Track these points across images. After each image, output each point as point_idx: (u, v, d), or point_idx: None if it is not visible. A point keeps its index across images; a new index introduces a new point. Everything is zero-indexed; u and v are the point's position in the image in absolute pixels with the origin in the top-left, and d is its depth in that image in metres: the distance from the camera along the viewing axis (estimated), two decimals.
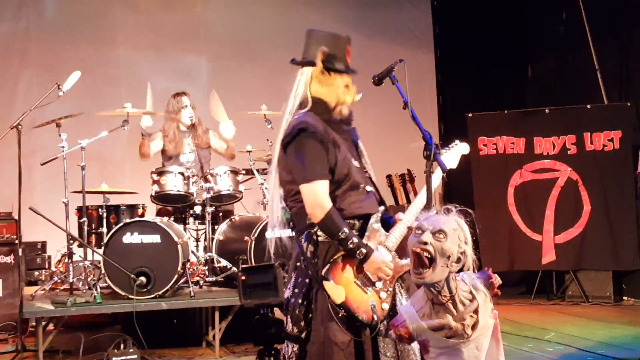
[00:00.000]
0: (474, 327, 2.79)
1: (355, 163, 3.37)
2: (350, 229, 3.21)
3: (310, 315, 3.24)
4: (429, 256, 2.74)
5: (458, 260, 2.77)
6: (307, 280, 3.25)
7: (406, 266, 3.33)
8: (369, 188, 3.38)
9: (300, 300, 3.24)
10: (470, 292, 2.83)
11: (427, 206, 3.16)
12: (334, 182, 3.27)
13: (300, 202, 3.27)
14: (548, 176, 8.11)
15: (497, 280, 2.90)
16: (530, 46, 9.79)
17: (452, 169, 3.55)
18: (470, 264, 2.81)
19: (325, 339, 3.19)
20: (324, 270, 3.20)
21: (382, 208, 3.40)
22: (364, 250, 3.19)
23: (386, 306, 3.24)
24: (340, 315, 3.15)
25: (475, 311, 2.81)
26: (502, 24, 9.74)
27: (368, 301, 3.20)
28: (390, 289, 3.28)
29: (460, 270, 2.81)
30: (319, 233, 3.26)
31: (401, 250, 3.33)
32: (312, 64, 3.36)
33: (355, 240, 3.19)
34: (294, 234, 3.37)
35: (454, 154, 3.63)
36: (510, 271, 8.23)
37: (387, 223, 3.39)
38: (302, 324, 3.22)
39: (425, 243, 2.74)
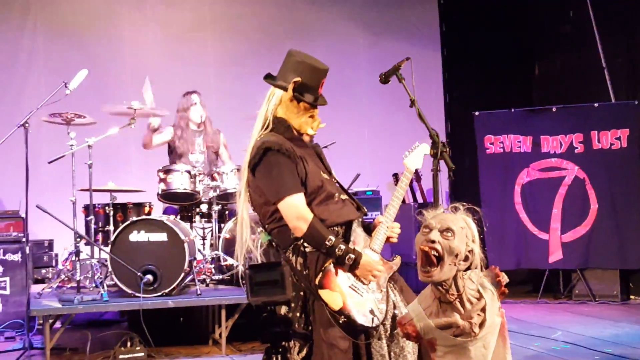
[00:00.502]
0: (481, 325, 2.78)
1: (325, 175, 3.38)
2: (336, 236, 3.22)
3: (310, 327, 3.24)
4: (437, 254, 2.73)
5: (466, 258, 2.76)
6: (301, 293, 3.26)
7: (395, 265, 3.36)
8: (343, 197, 3.40)
9: (298, 314, 3.24)
10: (478, 291, 2.82)
11: (435, 204, 3.15)
12: (308, 195, 3.28)
13: (279, 221, 3.28)
14: (555, 175, 8.09)
15: (504, 278, 2.88)
16: (536, 44, 9.77)
17: (419, 169, 3.65)
18: (477, 262, 2.80)
19: (327, 347, 3.19)
20: (317, 280, 3.21)
21: (360, 213, 3.42)
22: (352, 256, 3.21)
23: (383, 307, 3.26)
24: (341, 322, 3.16)
25: (483, 309, 2.80)
26: (509, 22, 9.73)
27: (365, 304, 3.21)
28: (384, 289, 3.29)
29: (468, 268, 2.80)
30: (306, 244, 3.26)
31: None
32: (283, 89, 3.39)
33: (343, 246, 3.20)
34: (279, 252, 3.37)
35: (416, 155, 3.66)
36: (517, 270, 8.21)
37: (368, 227, 3.42)
38: (303, 339, 3.23)
39: (433, 241, 2.73)
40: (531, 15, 9.66)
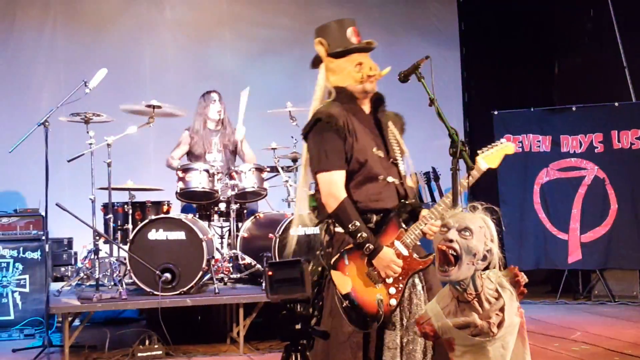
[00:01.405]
0: (499, 325, 2.77)
1: (379, 153, 3.35)
2: (362, 222, 3.21)
3: (320, 303, 3.27)
4: (455, 254, 2.72)
5: (484, 258, 2.75)
6: (319, 269, 3.28)
7: (423, 263, 3.32)
8: (390, 179, 3.35)
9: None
10: (496, 290, 2.81)
11: (454, 204, 3.13)
12: (348, 172, 3.30)
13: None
14: (574, 174, 8.04)
15: (523, 278, 2.87)
16: (557, 43, 9.69)
17: (492, 169, 3.50)
18: (496, 261, 2.79)
19: (332, 328, 3.23)
20: (333, 260, 3.25)
21: (404, 201, 3.37)
22: (371, 246, 3.21)
23: (394, 302, 3.24)
24: (344, 305, 3.20)
25: (502, 309, 2.78)
26: (529, 21, 9.66)
27: (375, 294, 3.22)
28: (401, 286, 3.27)
29: (487, 268, 2.79)
30: (336, 224, 3.28)
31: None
32: (319, 59, 3.43)
33: (365, 234, 3.20)
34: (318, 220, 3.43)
35: (496, 154, 3.51)
36: (536, 270, 8.16)
37: (415, 217, 3.37)
38: (311, 309, 3.25)
39: (451, 240, 2.72)
40: (551, 14, 9.58)
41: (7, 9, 8.43)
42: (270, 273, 2.74)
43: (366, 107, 3.47)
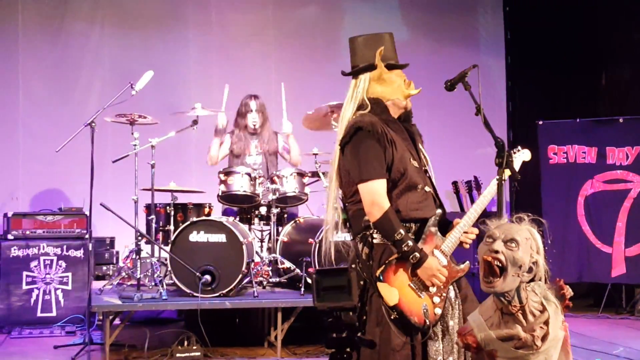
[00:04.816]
0: (544, 338, 2.73)
1: (414, 163, 3.35)
2: (406, 231, 3.19)
3: (364, 317, 3.24)
4: (500, 265, 2.69)
5: (530, 270, 2.72)
6: (361, 283, 3.26)
7: (461, 271, 3.33)
8: (427, 189, 3.36)
9: None
10: (541, 303, 2.77)
11: (499, 214, 3.10)
12: (390, 182, 3.28)
13: (358, 203, 3.29)
14: (620, 187, 7.91)
15: (568, 291, 2.83)
16: (604, 53, 9.56)
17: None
18: (542, 274, 2.75)
19: (381, 341, 3.20)
20: (378, 272, 3.21)
21: (440, 211, 3.37)
22: (417, 255, 3.18)
23: (439, 311, 3.23)
24: (392, 318, 3.17)
25: (546, 322, 2.75)
26: (576, 31, 9.54)
27: (421, 304, 3.19)
28: (444, 294, 3.26)
29: (532, 280, 2.75)
30: (375, 235, 3.27)
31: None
32: (371, 67, 3.39)
33: (411, 243, 3.18)
34: (351, 235, 3.39)
35: (515, 161, 3.59)
36: (579, 283, 8.04)
37: (445, 226, 3.36)
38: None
39: (497, 251, 2.69)
40: (599, 24, 9.46)
41: (56, 10, 8.56)
42: (317, 280, 2.73)
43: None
